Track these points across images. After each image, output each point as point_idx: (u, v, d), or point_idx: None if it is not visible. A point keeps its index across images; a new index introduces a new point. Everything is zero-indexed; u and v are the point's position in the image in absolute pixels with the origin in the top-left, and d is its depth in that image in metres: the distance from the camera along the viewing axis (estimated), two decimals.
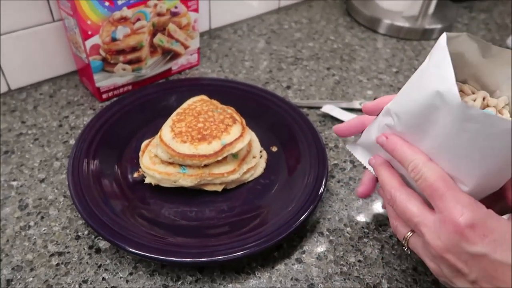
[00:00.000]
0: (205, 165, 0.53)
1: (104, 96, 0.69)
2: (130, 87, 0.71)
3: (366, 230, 0.53)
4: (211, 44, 0.85)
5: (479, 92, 0.35)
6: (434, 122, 0.31)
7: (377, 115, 0.40)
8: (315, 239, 0.52)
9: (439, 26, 0.90)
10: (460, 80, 0.37)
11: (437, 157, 0.32)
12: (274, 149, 0.61)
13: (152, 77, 0.73)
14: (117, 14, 0.62)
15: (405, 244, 0.36)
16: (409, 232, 0.36)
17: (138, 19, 0.65)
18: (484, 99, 0.34)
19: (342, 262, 0.49)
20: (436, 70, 0.30)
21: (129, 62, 0.68)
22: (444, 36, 0.31)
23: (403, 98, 0.34)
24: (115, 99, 0.67)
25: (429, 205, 0.34)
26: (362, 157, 0.43)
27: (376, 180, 0.45)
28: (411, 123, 0.33)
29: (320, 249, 0.51)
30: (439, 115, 0.30)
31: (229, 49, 0.84)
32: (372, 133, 0.40)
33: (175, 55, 0.74)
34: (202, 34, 0.87)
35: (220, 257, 0.45)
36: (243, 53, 0.84)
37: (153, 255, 0.45)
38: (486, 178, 0.31)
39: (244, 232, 0.49)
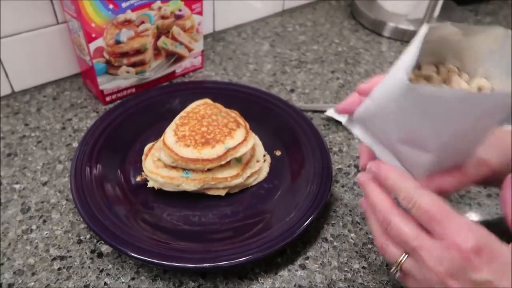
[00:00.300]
0: (209, 169, 0.53)
1: (108, 98, 0.69)
2: (133, 90, 0.71)
3: (370, 236, 0.52)
4: (215, 47, 0.85)
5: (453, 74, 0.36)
6: (394, 101, 0.32)
7: None
8: (319, 245, 0.51)
9: None
10: (440, 59, 0.37)
11: (404, 134, 0.33)
12: (278, 153, 0.61)
13: (155, 79, 0.73)
14: (121, 17, 0.62)
15: (397, 268, 0.33)
16: (404, 255, 0.33)
17: (142, 22, 0.65)
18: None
19: (346, 269, 0.49)
20: (403, 56, 0.32)
21: (133, 65, 0.68)
22: (424, 27, 0.32)
23: (381, 83, 0.36)
24: (118, 102, 0.66)
25: (424, 228, 0.33)
26: (358, 132, 0.41)
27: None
28: (380, 103, 0.35)
29: (324, 255, 0.50)
30: (397, 95, 0.32)
31: (233, 52, 0.84)
32: (360, 110, 0.40)
33: (179, 58, 0.74)
34: (206, 37, 0.87)
35: (223, 262, 0.45)
36: (247, 56, 0.83)
37: (155, 260, 0.45)
38: (446, 147, 0.32)
39: (248, 237, 0.49)
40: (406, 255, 0.33)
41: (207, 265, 0.45)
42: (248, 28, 0.91)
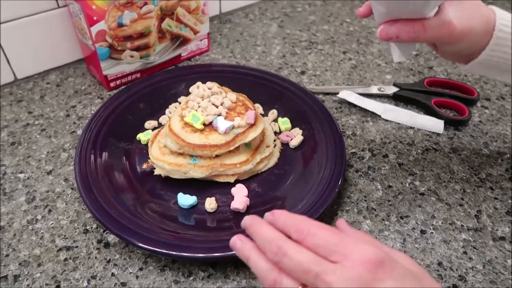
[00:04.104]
0: (217, 156, 0.51)
1: (112, 84, 0.67)
2: (138, 75, 0.69)
3: (386, 222, 0.50)
4: (222, 29, 0.82)
5: None
6: None
7: None
8: None
9: None
10: None
11: None
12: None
13: (161, 64, 0.71)
14: None
15: None
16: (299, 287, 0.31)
17: (145, 3, 0.62)
18: None
19: None
20: None
21: (137, 49, 0.66)
22: None
23: None
24: (123, 87, 0.64)
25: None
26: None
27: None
28: None
29: None
30: None
31: (240, 34, 0.81)
32: None
33: (184, 41, 0.71)
34: (212, 19, 0.84)
35: (234, 251, 0.43)
36: (255, 37, 0.80)
37: (163, 250, 0.43)
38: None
39: None
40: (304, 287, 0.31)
41: (217, 254, 0.43)
42: (255, 9, 0.88)
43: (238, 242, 0.35)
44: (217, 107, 0.53)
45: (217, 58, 0.75)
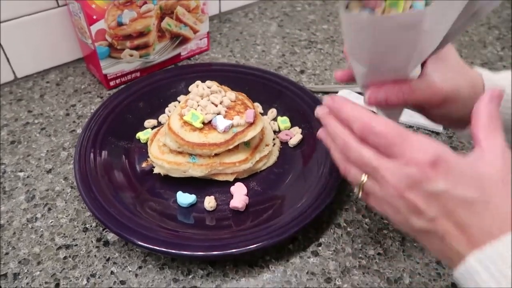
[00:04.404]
0: (216, 154, 0.51)
1: (112, 83, 0.67)
2: (138, 74, 0.69)
3: (385, 221, 0.50)
4: (221, 28, 0.82)
5: None
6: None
7: None
8: (331, 231, 0.49)
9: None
10: None
11: (349, 49, 0.38)
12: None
13: (160, 63, 0.71)
14: None
15: (359, 189, 0.35)
16: (365, 176, 0.35)
17: (145, 2, 0.62)
18: None
19: (360, 255, 0.47)
20: None
21: (137, 48, 0.66)
22: None
23: None
24: (122, 86, 0.64)
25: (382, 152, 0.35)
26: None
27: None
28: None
29: (337, 241, 0.48)
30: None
31: (240, 33, 0.81)
32: None
33: (184, 40, 0.72)
34: (211, 18, 0.84)
35: (233, 250, 0.43)
36: (254, 37, 0.80)
37: (162, 248, 0.43)
38: (373, 61, 0.36)
39: (258, 224, 0.47)
40: (367, 176, 0.34)
41: (216, 253, 0.43)
42: (255, 8, 0.88)
43: (322, 133, 0.40)
44: (216, 106, 0.53)
45: (216, 57, 0.75)
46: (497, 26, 0.85)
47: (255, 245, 0.44)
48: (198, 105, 0.53)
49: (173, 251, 0.43)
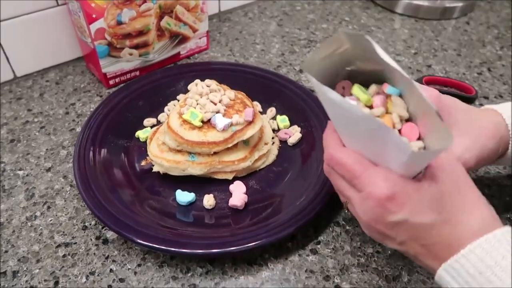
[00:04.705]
0: (215, 153, 0.51)
1: (111, 82, 0.67)
2: (137, 73, 0.69)
3: None
4: (221, 27, 0.82)
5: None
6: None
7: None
8: (330, 229, 0.49)
9: (460, 4, 0.86)
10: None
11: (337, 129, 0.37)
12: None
13: (160, 62, 0.71)
14: None
15: (345, 208, 0.39)
16: (347, 200, 0.38)
17: (144, 1, 0.62)
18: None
19: (359, 253, 0.47)
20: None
21: (136, 47, 0.66)
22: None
23: None
24: (122, 85, 0.65)
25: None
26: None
27: None
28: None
29: (336, 239, 0.48)
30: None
31: (239, 32, 0.81)
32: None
33: (184, 39, 0.72)
34: (211, 17, 0.84)
35: (232, 248, 0.43)
36: (254, 36, 0.80)
37: (161, 246, 0.43)
38: (355, 146, 0.35)
39: (256, 222, 0.47)
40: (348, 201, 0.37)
41: (215, 251, 0.43)
42: (254, 8, 0.88)
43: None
44: (215, 104, 0.53)
45: (216, 56, 0.75)
46: (496, 25, 0.86)
47: (254, 243, 0.44)
48: (197, 104, 0.53)
49: (172, 249, 0.43)
